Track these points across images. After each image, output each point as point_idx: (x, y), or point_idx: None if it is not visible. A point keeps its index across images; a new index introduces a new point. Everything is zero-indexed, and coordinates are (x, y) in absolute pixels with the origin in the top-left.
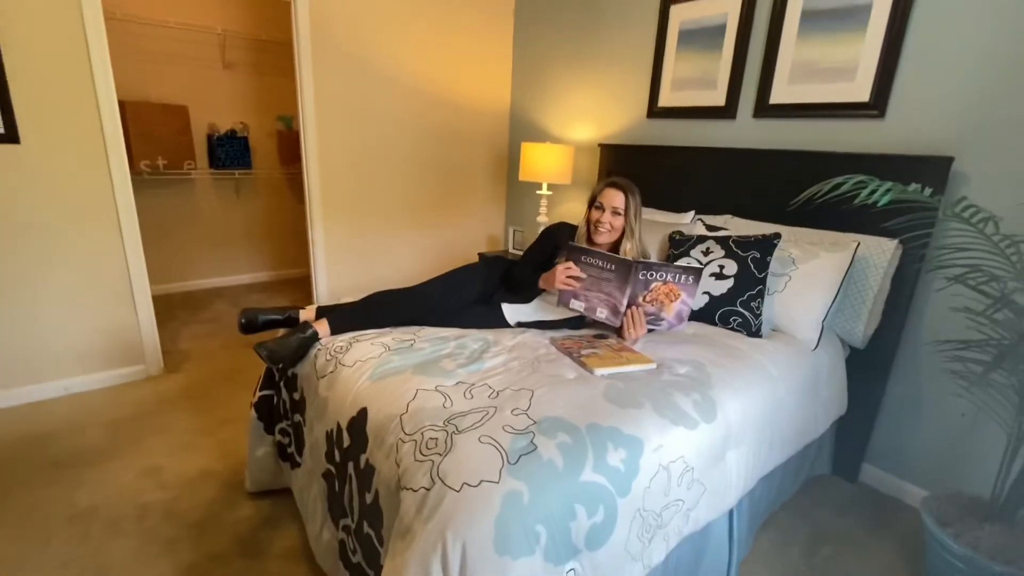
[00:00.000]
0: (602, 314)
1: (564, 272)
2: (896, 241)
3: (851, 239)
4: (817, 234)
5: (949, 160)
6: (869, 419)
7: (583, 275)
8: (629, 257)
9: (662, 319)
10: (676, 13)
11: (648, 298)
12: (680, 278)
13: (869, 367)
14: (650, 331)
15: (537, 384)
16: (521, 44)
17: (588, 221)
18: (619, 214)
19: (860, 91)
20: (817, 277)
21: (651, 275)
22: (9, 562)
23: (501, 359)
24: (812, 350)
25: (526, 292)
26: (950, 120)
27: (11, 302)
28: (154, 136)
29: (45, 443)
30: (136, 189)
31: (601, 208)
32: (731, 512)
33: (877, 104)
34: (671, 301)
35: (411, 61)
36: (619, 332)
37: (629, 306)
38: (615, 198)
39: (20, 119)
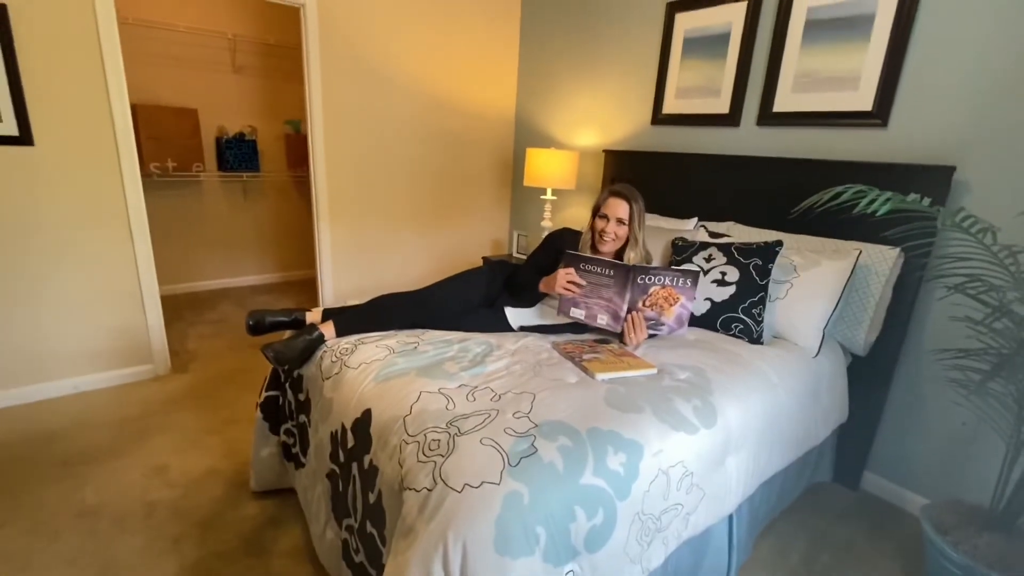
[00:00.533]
0: (602, 320)
1: (565, 277)
2: (898, 249)
3: (853, 247)
4: (819, 242)
5: (951, 169)
6: (871, 427)
7: (583, 282)
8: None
9: (663, 323)
10: (681, 21)
11: (647, 302)
12: (678, 281)
13: (871, 375)
14: (651, 336)
15: (539, 388)
16: (527, 50)
17: (592, 230)
18: (623, 223)
19: (863, 100)
20: (819, 284)
21: (649, 279)
22: (18, 558)
23: (504, 363)
24: (813, 357)
25: (528, 296)
26: (953, 130)
27: (23, 301)
28: (164, 139)
29: (55, 440)
30: (146, 190)
31: (605, 218)
32: (731, 517)
33: (880, 113)
34: (670, 305)
35: (418, 67)
36: (621, 337)
37: (629, 311)
38: (619, 208)
39: (34, 122)
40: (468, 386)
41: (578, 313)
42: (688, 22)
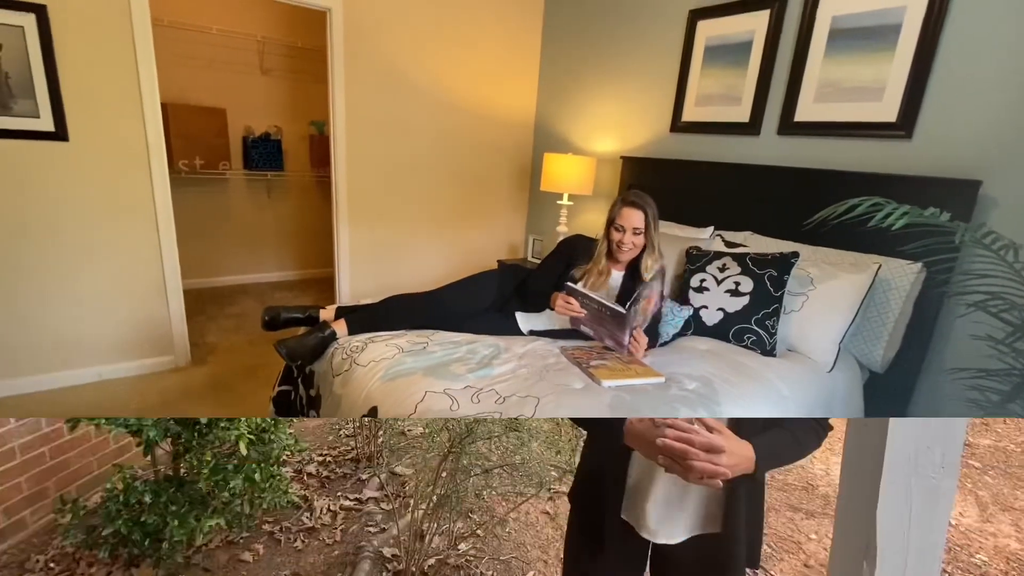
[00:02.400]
0: (608, 342)
1: (564, 307)
2: (920, 264)
3: (872, 260)
4: (837, 254)
5: (977, 184)
6: None
7: (581, 311)
8: (651, 272)
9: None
10: (703, 29)
11: (639, 321)
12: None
13: (889, 392)
14: (660, 345)
15: (543, 392)
16: (548, 56)
17: (608, 240)
18: (639, 232)
19: (887, 111)
20: (836, 298)
21: (638, 305)
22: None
23: (510, 366)
24: (827, 372)
25: (537, 304)
26: (979, 143)
27: (52, 291)
28: (193, 137)
29: None
30: (173, 187)
31: (621, 229)
32: None
33: (904, 125)
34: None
35: (440, 72)
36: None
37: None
38: (634, 217)
39: (70, 118)
40: (473, 388)
41: (586, 330)
42: (710, 30)
